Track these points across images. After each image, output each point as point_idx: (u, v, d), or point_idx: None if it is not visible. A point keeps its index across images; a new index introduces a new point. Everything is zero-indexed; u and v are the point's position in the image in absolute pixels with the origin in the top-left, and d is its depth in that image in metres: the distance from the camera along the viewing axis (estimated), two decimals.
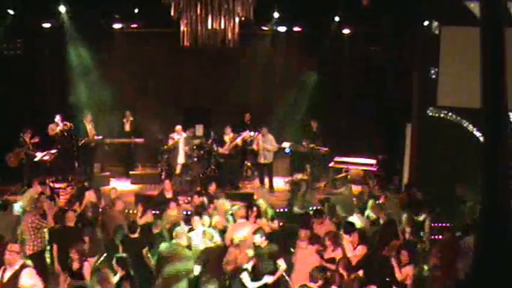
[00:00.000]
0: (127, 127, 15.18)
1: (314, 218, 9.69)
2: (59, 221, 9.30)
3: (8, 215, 10.03)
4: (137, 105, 15.50)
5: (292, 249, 9.06)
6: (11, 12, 13.52)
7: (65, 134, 13.73)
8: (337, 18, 14.62)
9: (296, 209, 11.98)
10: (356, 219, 9.90)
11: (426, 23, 13.40)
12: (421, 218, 10.50)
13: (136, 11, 14.15)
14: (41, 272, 7.93)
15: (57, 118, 13.77)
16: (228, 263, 8.17)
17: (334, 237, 8.58)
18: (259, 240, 8.20)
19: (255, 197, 12.09)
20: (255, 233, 8.37)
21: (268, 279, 7.96)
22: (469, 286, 7.85)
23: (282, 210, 11.99)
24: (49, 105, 14.64)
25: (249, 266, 7.98)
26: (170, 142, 13.84)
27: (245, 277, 7.89)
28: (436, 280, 8.67)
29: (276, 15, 14.48)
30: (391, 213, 10.50)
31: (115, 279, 7.43)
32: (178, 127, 13.87)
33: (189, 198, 11.73)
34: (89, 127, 14.36)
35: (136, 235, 8.76)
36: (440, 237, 10.39)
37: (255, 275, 7.93)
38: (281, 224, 10.49)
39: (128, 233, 8.87)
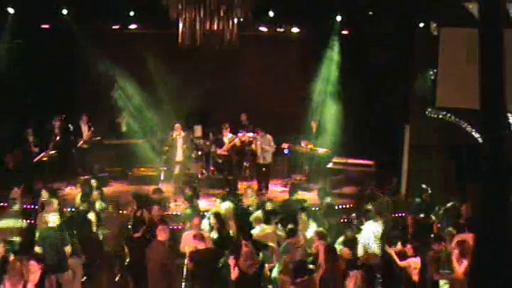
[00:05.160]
0: (123, 128, 15.19)
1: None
2: None
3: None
4: (136, 106, 15.47)
5: None
6: (11, 11, 13.45)
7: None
8: (337, 19, 14.63)
9: None
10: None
11: (424, 24, 13.41)
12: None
13: (134, 12, 14.13)
14: None
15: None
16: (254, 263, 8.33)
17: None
18: None
19: None
20: None
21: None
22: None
23: None
24: (51, 105, 14.63)
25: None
26: (170, 139, 13.83)
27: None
28: None
29: (274, 16, 14.47)
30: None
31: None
32: (177, 125, 13.85)
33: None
34: (84, 128, 14.34)
35: (139, 234, 8.72)
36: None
37: None
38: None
39: (132, 233, 8.87)
